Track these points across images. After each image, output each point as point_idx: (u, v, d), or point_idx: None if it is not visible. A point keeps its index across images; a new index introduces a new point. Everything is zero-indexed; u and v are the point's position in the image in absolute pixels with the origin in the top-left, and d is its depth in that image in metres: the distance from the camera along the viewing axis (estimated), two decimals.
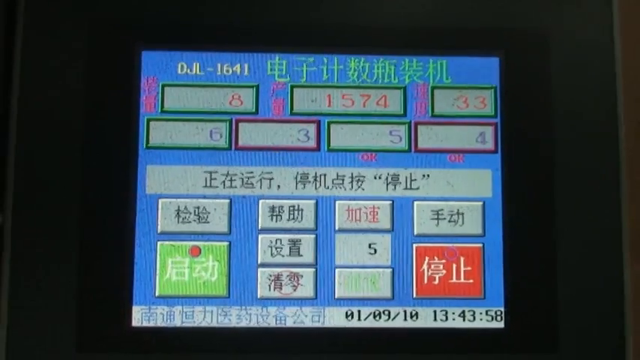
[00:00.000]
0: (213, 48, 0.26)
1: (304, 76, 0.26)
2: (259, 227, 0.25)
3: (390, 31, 0.26)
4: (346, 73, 0.26)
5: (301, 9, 0.26)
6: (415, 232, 0.26)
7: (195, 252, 0.25)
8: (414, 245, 0.26)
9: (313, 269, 0.25)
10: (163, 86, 0.26)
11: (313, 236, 0.25)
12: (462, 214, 0.26)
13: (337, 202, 0.26)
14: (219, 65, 0.26)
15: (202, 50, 0.26)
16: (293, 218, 0.25)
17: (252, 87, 0.26)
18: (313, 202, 0.26)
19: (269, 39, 0.26)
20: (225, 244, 0.25)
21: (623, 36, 0.27)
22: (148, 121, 0.26)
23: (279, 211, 0.25)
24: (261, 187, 0.26)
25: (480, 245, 0.26)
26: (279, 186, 0.26)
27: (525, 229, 0.26)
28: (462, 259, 0.26)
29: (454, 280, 0.26)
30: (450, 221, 0.26)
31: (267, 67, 0.26)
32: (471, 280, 0.26)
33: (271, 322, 0.25)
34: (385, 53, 0.26)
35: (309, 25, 0.26)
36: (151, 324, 0.25)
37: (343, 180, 0.26)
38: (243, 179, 0.26)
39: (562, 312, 0.25)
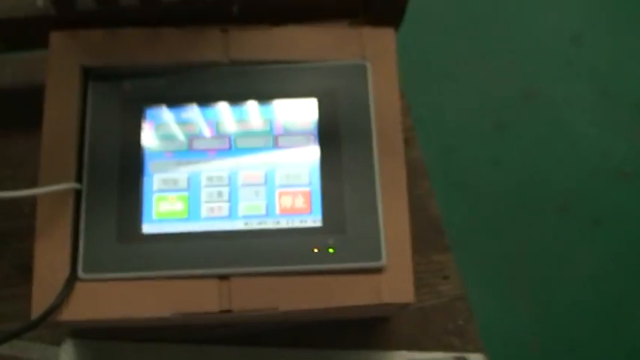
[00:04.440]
0: (180, 106, 0.55)
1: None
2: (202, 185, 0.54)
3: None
4: (238, 113, 0.55)
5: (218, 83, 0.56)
6: (277, 184, 0.54)
7: (172, 199, 0.53)
8: (278, 190, 0.54)
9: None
10: (156, 125, 0.55)
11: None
12: (300, 176, 0.54)
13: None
14: (182, 114, 0.55)
15: (175, 107, 0.55)
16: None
17: (195, 125, 0.55)
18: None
19: (204, 102, 0.56)
20: (186, 194, 0.53)
21: (373, 92, 0.56)
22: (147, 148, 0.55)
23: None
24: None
25: (309, 189, 0.54)
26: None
27: (329, 182, 0.54)
28: (300, 195, 0.53)
29: (296, 205, 0.53)
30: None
31: (211, 114, 0.55)
32: (305, 205, 0.53)
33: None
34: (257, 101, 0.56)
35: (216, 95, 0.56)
36: (151, 232, 0.52)
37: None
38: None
39: (347, 216, 0.53)
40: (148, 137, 0.55)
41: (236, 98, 0.56)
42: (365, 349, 0.59)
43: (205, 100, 0.56)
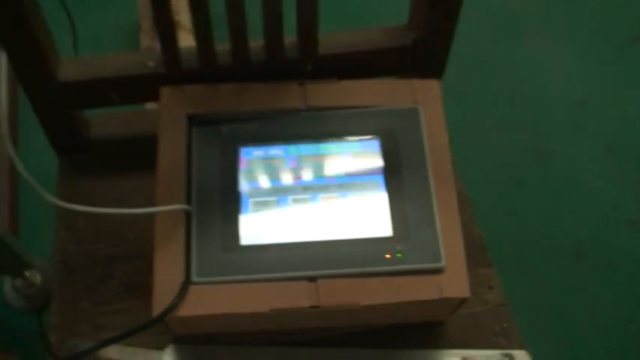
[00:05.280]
0: (267, 144, 0.68)
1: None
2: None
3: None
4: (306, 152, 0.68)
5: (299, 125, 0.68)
6: (351, 205, 0.65)
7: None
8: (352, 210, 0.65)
9: None
10: (249, 160, 0.67)
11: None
12: (370, 198, 0.65)
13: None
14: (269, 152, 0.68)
15: (263, 145, 0.68)
16: None
17: (281, 159, 0.67)
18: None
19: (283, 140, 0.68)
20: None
21: (425, 130, 0.68)
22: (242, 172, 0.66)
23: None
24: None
25: (379, 208, 0.65)
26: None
27: (395, 200, 0.65)
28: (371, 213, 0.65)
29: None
30: None
31: (288, 150, 0.67)
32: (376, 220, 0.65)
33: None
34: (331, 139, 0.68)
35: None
36: (249, 243, 0.63)
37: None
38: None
39: (410, 227, 0.64)
40: (243, 169, 0.67)
41: (313, 137, 0.68)
42: (423, 349, 0.69)
43: (288, 139, 0.68)
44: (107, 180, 0.77)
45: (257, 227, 0.64)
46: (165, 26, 0.65)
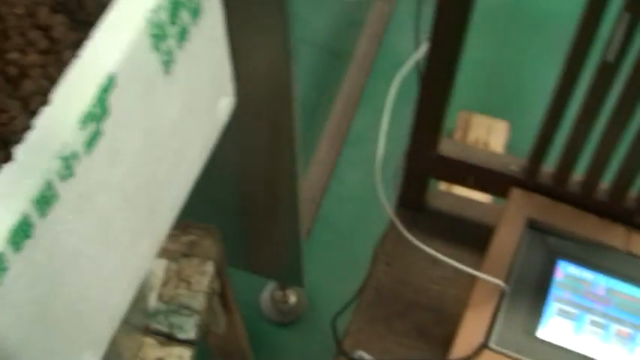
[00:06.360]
0: (582, 266, 0.79)
1: None
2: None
3: None
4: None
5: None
6: None
7: (562, 323, 0.76)
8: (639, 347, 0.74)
9: None
10: (564, 273, 0.79)
11: None
12: None
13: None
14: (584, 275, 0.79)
15: (579, 266, 0.79)
16: None
17: (590, 283, 0.78)
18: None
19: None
20: (574, 323, 0.75)
21: None
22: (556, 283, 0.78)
23: None
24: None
25: None
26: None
27: None
28: None
29: None
30: None
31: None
32: None
33: None
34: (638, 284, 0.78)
35: None
36: (543, 338, 0.75)
37: None
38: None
39: None
40: (557, 278, 0.79)
41: (625, 276, 0.78)
42: None
43: (602, 269, 0.79)
44: (430, 240, 0.93)
45: (554, 327, 0.75)
46: (539, 153, 0.80)
